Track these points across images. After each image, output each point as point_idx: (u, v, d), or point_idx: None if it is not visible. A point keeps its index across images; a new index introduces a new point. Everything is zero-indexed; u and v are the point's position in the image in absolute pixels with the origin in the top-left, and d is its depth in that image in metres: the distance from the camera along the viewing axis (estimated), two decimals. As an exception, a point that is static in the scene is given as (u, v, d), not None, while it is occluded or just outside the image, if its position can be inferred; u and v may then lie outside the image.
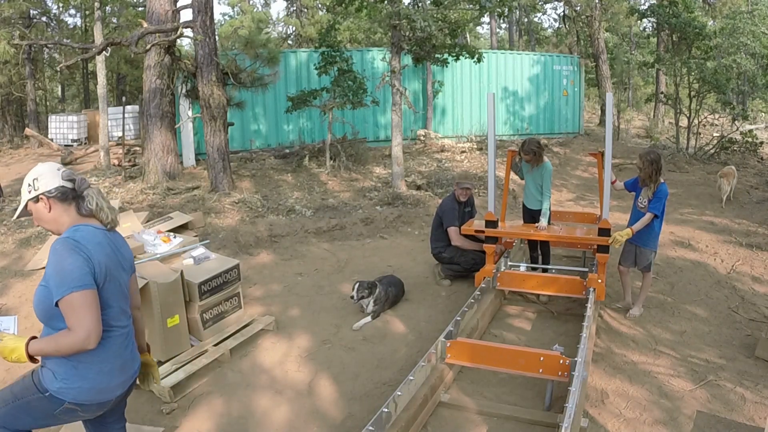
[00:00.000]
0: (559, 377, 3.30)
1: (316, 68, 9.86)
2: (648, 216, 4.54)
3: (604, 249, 4.57)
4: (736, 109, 12.48)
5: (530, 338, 4.41)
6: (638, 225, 4.57)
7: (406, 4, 8.85)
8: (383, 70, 11.27)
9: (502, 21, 26.46)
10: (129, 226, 5.57)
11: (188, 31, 8.17)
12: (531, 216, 5.21)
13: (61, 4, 16.57)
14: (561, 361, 3.29)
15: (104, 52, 8.87)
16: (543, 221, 4.89)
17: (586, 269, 5.11)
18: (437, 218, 5.57)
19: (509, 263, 5.22)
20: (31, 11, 15.95)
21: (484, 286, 4.65)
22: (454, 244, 5.41)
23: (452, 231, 5.38)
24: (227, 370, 3.88)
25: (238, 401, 3.53)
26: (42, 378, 2.01)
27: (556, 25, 28.47)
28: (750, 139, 12.27)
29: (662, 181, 4.62)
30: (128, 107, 14.24)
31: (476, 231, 4.93)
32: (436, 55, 9.16)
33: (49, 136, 14.91)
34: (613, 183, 4.82)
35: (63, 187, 2.04)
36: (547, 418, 3.24)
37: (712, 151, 12.58)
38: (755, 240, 6.82)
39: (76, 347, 1.87)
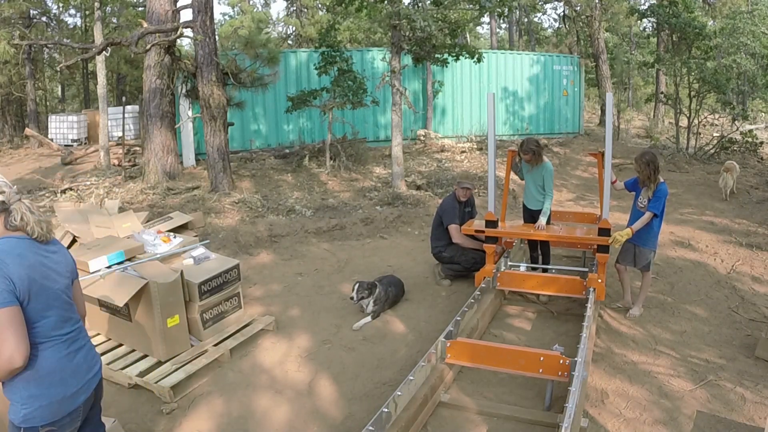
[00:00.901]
0: (559, 377, 3.30)
1: (316, 68, 9.86)
2: (648, 215, 4.55)
3: (604, 249, 4.57)
4: (736, 109, 12.48)
5: (530, 338, 4.41)
6: (638, 224, 4.57)
7: (406, 4, 8.86)
8: (383, 70, 11.27)
9: (502, 21, 26.48)
10: (129, 226, 5.57)
11: (188, 31, 8.17)
12: (531, 216, 5.21)
13: (61, 4, 16.57)
14: (561, 361, 3.29)
15: (104, 52, 8.87)
16: (542, 220, 4.88)
17: (586, 269, 5.11)
18: (437, 217, 5.58)
19: (509, 263, 5.22)
20: (31, 11, 15.94)
21: (484, 286, 4.65)
22: (454, 242, 5.41)
23: (452, 228, 5.39)
24: (227, 370, 3.88)
25: (238, 401, 3.53)
26: (11, 415, 1.98)
27: (556, 25, 28.50)
28: (750, 139, 12.27)
29: (661, 180, 4.62)
30: (128, 107, 14.24)
31: (476, 231, 4.93)
32: (436, 55, 9.16)
33: (49, 136, 14.90)
34: (613, 183, 4.82)
35: None
36: (547, 418, 3.24)
37: (712, 151, 12.58)
38: (755, 240, 6.82)
39: (2, 368, 1.84)
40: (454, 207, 5.48)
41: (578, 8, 18.62)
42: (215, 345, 4.05)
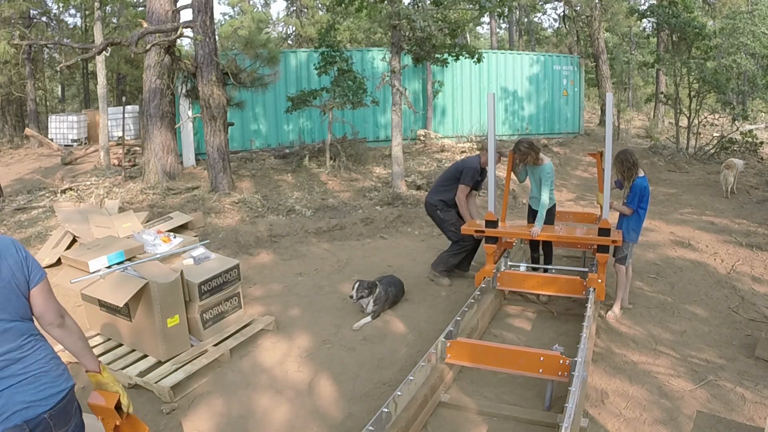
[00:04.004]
0: (559, 377, 3.30)
1: (316, 68, 9.86)
2: (626, 208, 4.69)
3: (604, 249, 4.57)
4: (736, 109, 12.48)
5: (530, 338, 4.41)
6: (618, 206, 4.72)
7: (406, 4, 8.86)
8: (383, 70, 11.27)
9: (502, 21, 26.47)
10: (129, 226, 5.58)
11: (188, 31, 8.16)
12: (534, 217, 5.19)
13: (61, 4, 16.56)
14: (561, 361, 3.29)
15: (104, 52, 8.87)
16: (536, 228, 4.81)
17: (586, 269, 5.11)
18: (455, 172, 5.55)
19: (509, 263, 5.22)
20: (31, 11, 15.95)
21: (484, 286, 4.65)
22: (456, 198, 5.46)
23: (463, 188, 5.42)
24: (227, 370, 3.88)
25: (238, 401, 3.53)
26: None
27: (556, 25, 28.50)
28: (750, 139, 12.27)
29: (641, 175, 4.68)
30: (128, 107, 14.24)
31: (476, 231, 4.93)
32: (436, 55, 9.16)
33: (49, 136, 14.91)
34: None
35: None
36: (547, 418, 3.24)
37: (712, 151, 12.59)
38: (755, 240, 6.82)
39: None
40: (476, 170, 5.48)
41: (578, 8, 18.62)
42: (215, 345, 4.05)
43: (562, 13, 21.75)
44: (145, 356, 3.86)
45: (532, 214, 5.27)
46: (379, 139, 12.93)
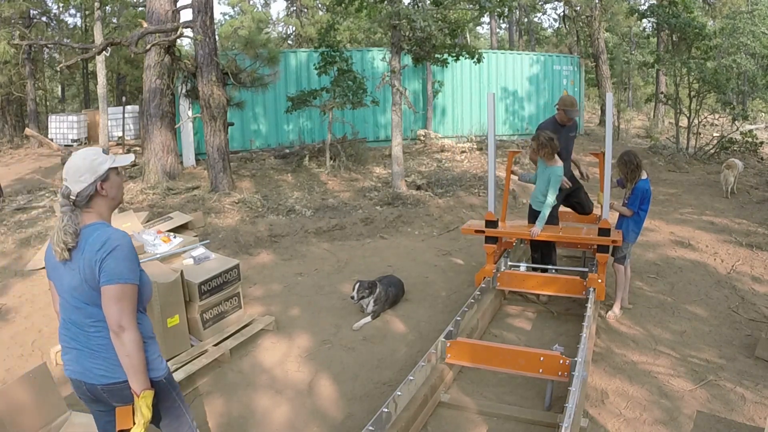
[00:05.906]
0: (559, 377, 3.30)
1: (316, 68, 9.86)
2: (626, 210, 4.71)
3: (604, 249, 4.57)
4: (736, 109, 12.48)
5: (530, 338, 4.41)
6: (618, 206, 4.74)
7: (406, 4, 8.86)
8: (383, 70, 11.27)
9: (502, 21, 26.46)
10: (129, 226, 5.58)
11: (188, 31, 8.17)
12: (534, 217, 5.17)
13: (61, 4, 16.57)
14: (561, 361, 3.29)
15: (104, 52, 8.89)
16: (536, 228, 4.77)
17: (586, 269, 5.10)
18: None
19: (509, 263, 5.21)
20: (31, 11, 15.93)
21: (484, 286, 4.65)
22: None
23: None
24: (227, 370, 3.88)
25: (238, 401, 3.53)
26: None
27: (556, 25, 28.51)
28: (750, 139, 12.27)
29: (644, 177, 4.68)
30: (128, 107, 14.24)
31: (476, 231, 4.93)
32: (436, 55, 9.16)
33: (49, 136, 14.90)
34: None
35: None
36: (547, 418, 3.24)
37: (712, 151, 12.58)
38: (755, 240, 6.82)
39: None
40: (556, 131, 5.08)
41: (578, 8, 18.63)
42: (215, 345, 4.05)
43: (562, 13, 21.76)
44: (145, 356, 3.86)
45: (532, 215, 5.24)
46: (379, 139, 12.93)
